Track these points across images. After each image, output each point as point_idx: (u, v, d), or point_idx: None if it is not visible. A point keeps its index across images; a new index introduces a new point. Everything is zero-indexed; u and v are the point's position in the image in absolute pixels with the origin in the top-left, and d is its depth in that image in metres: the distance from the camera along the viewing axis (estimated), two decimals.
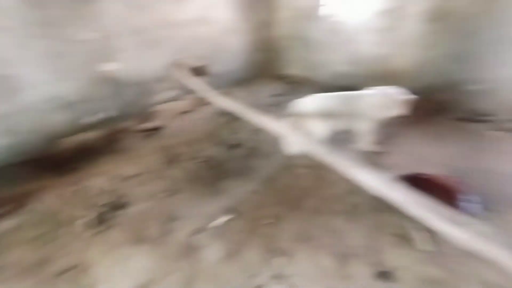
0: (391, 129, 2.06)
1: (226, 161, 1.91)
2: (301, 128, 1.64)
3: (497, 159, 1.65)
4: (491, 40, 1.99)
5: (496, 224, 1.21)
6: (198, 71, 2.86)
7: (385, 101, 1.53)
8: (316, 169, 1.66)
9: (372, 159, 1.75)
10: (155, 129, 2.56)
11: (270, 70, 3.59)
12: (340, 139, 2.00)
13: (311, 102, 1.69)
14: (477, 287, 1.01)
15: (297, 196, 1.51)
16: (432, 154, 1.76)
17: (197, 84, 2.42)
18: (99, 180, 1.81)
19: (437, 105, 2.36)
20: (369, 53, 2.70)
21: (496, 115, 2.09)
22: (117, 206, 1.56)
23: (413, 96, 1.55)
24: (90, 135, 2.24)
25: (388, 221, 1.30)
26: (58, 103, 2.00)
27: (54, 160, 2.05)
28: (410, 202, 0.78)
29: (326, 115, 1.60)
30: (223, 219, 1.40)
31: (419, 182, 1.42)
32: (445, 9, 2.15)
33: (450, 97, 2.32)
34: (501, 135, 1.91)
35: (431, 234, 1.19)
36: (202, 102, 2.94)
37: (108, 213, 1.51)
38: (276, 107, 2.69)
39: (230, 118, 2.55)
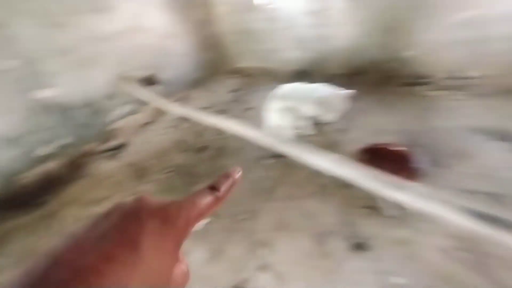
0: (348, 106, 2.21)
1: (194, 166, 1.92)
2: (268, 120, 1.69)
3: (439, 117, 1.85)
4: (410, 10, 2.18)
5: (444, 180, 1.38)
6: (148, 81, 2.78)
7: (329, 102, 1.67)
8: (282, 158, 1.74)
9: (334, 138, 1.88)
10: (118, 148, 2.48)
11: (224, 66, 3.59)
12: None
13: (280, 94, 1.75)
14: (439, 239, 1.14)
15: (269, 186, 1.58)
16: (386, 123, 1.92)
17: (150, 95, 2.38)
18: (71, 208, 1.74)
19: (382, 75, 2.55)
20: (311, 36, 2.81)
21: (433, 76, 2.31)
22: None
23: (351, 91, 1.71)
24: (50, 165, 2.12)
25: (356, 195, 1.38)
26: (1, 140, 1.85)
27: (17, 198, 1.92)
28: (360, 176, 0.87)
29: (293, 106, 1.67)
30: (202, 223, 1.43)
31: (376, 152, 1.58)
32: None
33: (393, 66, 2.51)
34: (439, 94, 2.12)
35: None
36: (160, 112, 2.89)
37: None
38: (236, 103, 2.73)
39: (192, 122, 2.55)
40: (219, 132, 2.26)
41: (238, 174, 0.29)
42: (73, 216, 1.69)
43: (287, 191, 1.51)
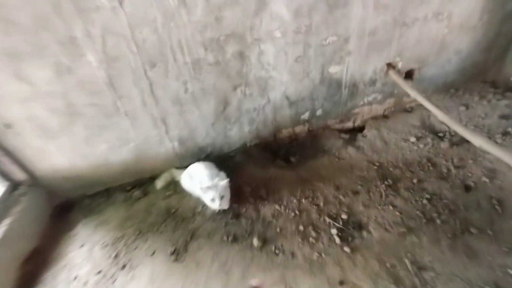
0: None
1: (460, 209, 1.69)
2: None
3: None
4: None
5: None
6: (407, 75, 2.52)
7: None
8: None
9: None
10: (354, 132, 2.53)
11: (493, 74, 2.82)
12: None
13: None
14: None
15: None
16: None
17: (405, 88, 2.17)
18: (324, 185, 1.94)
19: None
20: None
21: None
22: (354, 226, 1.65)
23: None
24: (299, 129, 2.42)
25: None
26: (288, 101, 2.17)
27: (275, 147, 2.35)
28: None
29: None
30: None
31: None
32: None
33: None
34: None
35: None
36: (404, 108, 2.67)
37: (347, 230, 1.63)
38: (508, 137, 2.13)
39: (448, 139, 2.21)
40: (489, 171, 1.88)
41: None
42: (323, 194, 1.88)
43: None
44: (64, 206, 1.95)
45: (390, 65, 2.34)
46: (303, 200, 1.84)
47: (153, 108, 1.77)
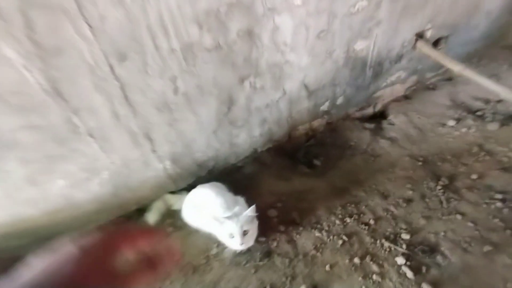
0: None
1: None
2: None
3: None
4: None
5: None
6: (435, 43, 2.13)
7: None
8: None
9: None
10: (376, 119, 2.14)
11: None
12: None
13: None
14: None
15: None
16: None
17: (443, 62, 1.81)
18: (363, 194, 1.55)
19: None
20: None
21: None
22: (423, 248, 1.26)
23: None
24: (316, 123, 1.97)
25: None
26: (306, 91, 1.70)
27: (291, 149, 1.90)
28: None
29: None
30: None
31: None
32: None
33: None
34: None
35: None
36: (426, 86, 2.31)
37: (416, 256, 1.24)
38: None
39: (491, 118, 1.89)
40: None
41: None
42: (369, 207, 1.48)
43: None
44: None
45: (418, 36, 1.92)
46: (348, 219, 1.42)
47: (130, 121, 1.21)
